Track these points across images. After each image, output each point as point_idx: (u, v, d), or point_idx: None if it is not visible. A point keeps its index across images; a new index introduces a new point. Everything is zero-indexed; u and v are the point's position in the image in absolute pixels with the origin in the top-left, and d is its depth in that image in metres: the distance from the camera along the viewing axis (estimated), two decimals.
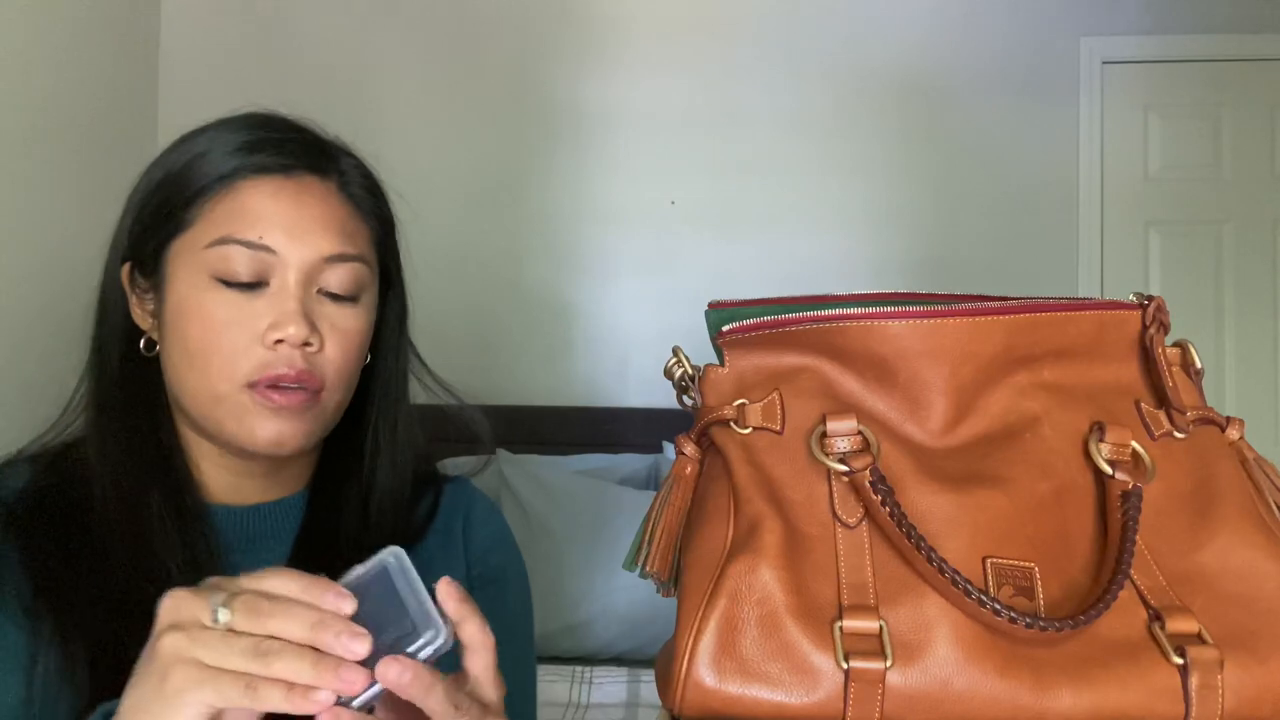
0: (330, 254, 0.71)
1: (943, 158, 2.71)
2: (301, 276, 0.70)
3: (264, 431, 0.69)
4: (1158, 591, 0.53)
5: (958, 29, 2.71)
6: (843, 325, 0.57)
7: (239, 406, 0.69)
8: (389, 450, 0.79)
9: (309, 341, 0.69)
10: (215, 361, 0.68)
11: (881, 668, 0.50)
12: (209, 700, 0.45)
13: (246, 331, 0.68)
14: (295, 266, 0.70)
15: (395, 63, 2.73)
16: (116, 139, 2.46)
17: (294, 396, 0.69)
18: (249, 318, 0.68)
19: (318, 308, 0.71)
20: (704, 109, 2.71)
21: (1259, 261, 2.70)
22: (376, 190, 0.78)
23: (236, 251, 0.68)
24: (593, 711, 1.71)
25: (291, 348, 0.69)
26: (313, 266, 0.70)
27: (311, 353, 0.70)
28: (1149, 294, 0.61)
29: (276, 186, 0.71)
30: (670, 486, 0.60)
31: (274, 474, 0.77)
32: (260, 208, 0.69)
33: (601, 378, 2.66)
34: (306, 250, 0.70)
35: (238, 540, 0.74)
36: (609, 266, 2.70)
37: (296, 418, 0.70)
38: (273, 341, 0.68)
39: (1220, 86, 2.72)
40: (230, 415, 0.69)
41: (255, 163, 0.71)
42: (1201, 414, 0.60)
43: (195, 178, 0.71)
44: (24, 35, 2.13)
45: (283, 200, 0.70)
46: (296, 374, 0.69)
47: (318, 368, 0.70)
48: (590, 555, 2.01)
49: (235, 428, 0.69)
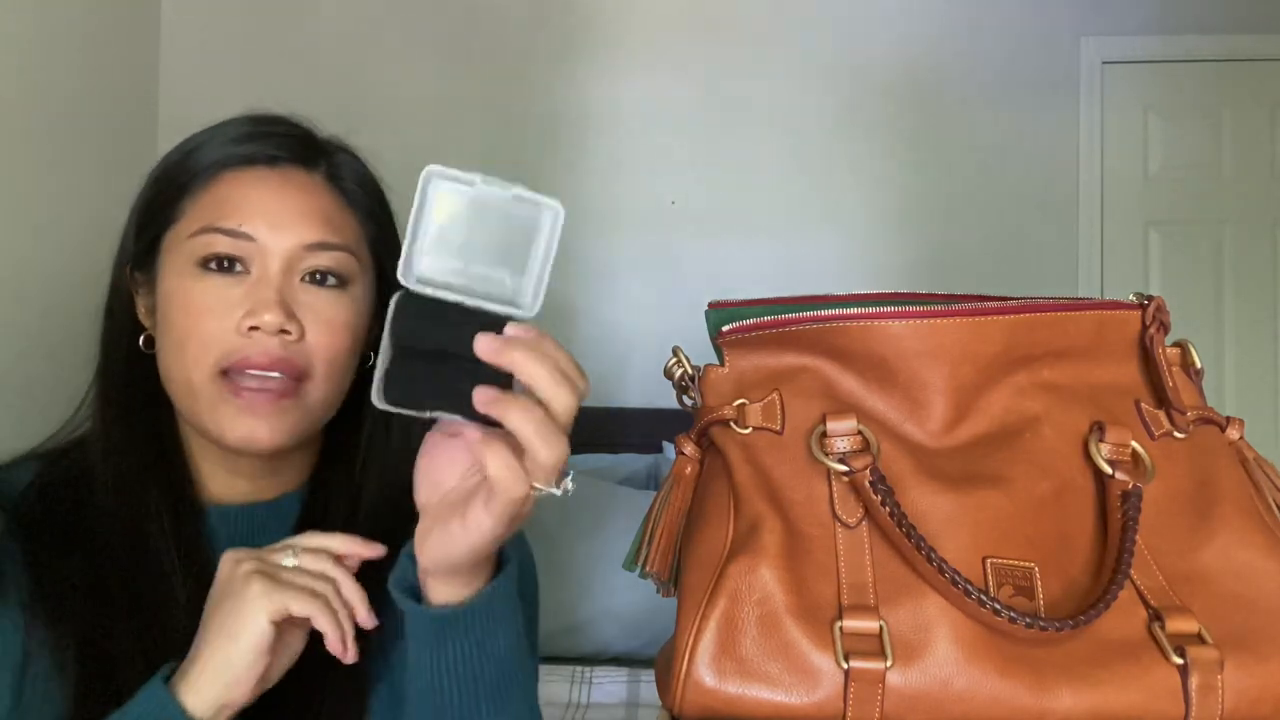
0: (311, 242, 0.71)
1: (943, 158, 2.70)
2: (282, 265, 0.70)
3: (235, 429, 0.68)
4: (1158, 591, 0.53)
5: (958, 29, 2.71)
6: (843, 325, 0.57)
7: (213, 397, 0.68)
8: (381, 450, 0.78)
9: (286, 329, 0.68)
10: (191, 348, 0.68)
11: (881, 668, 0.50)
12: (283, 604, 0.57)
13: (223, 318, 0.68)
14: (275, 255, 0.70)
15: (395, 61, 2.73)
16: (117, 138, 2.46)
17: (265, 391, 0.68)
18: (227, 305, 0.68)
19: (301, 296, 0.70)
20: (704, 109, 2.71)
21: (1259, 261, 2.69)
22: (371, 186, 0.77)
23: (217, 239, 0.69)
24: (593, 711, 1.71)
25: (267, 335, 0.68)
26: (293, 255, 0.70)
27: (290, 340, 0.69)
28: (1149, 294, 0.61)
29: (259, 177, 0.71)
30: (670, 486, 0.60)
31: (270, 472, 0.76)
32: (242, 197, 0.70)
33: (601, 378, 2.66)
34: (287, 238, 0.70)
35: (234, 540, 0.74)
36: (609, 266, 2.70)
37: (271, 414, 0.68)
38: (247, 328, 0.68)
39: (1220, 86, 2.71)
40: (205, 407, 0.69)
41: (241, 154, 0.72)
42: (1201, 414, 0.60)
43: (185, 172, 0.72)
44: (24, 35, 2.13)
45: (264, 190, 0.71)
46: (270, 361, 0.68)
47: (299, 356, 0.69)
48: (590, 555, 2.01)
49: (209, 421, 0.69)
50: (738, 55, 2.72)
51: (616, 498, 2.15)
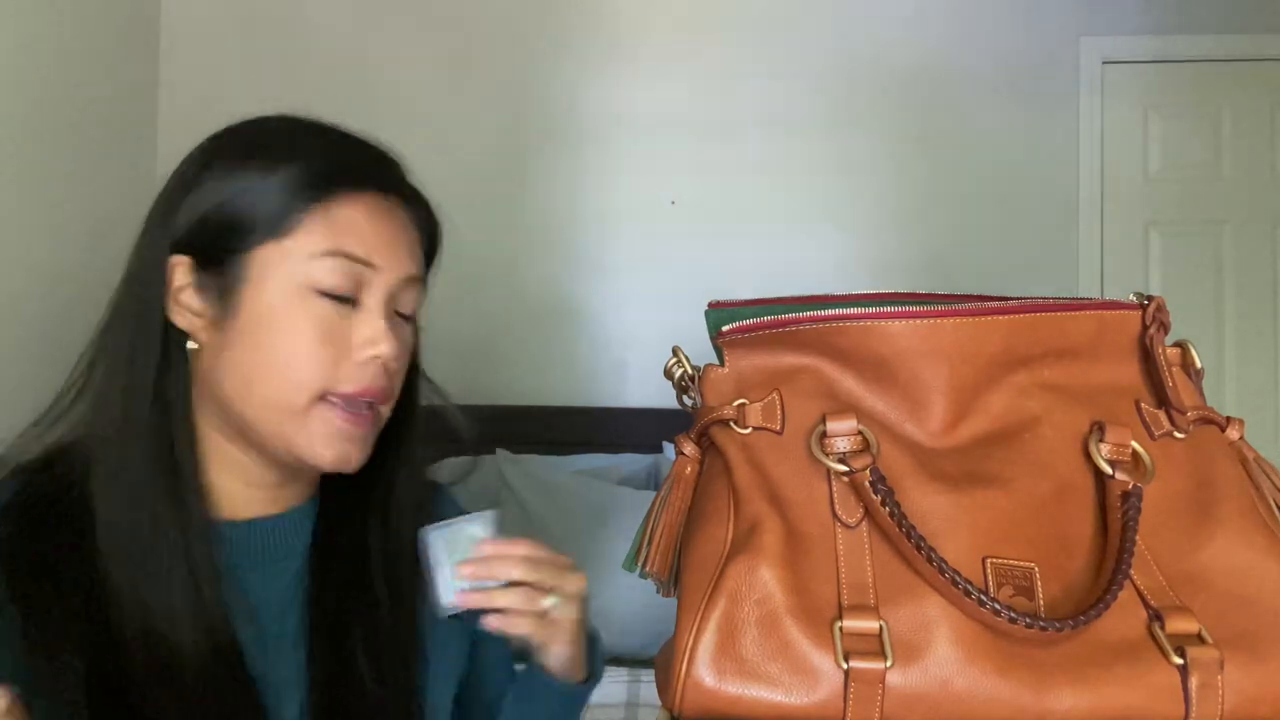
0: (410, 275, 0.73)
1: (943, 158, 2.71)
2: (387, 296, 0.71)
3: (330, 450, 0.69)
4: (1158, 591, 0.53)
5: (958, 29, 2.71)
6: (843, 325, 0.57)
7: (311, 420, 0.69)
8: (409, 457, 0.80)
9: (397, 359, 0.71)
10: (302, 372, 0.68)
11: (881, 668, 0.50)
12: None
13: (338, 345, 0.69)
14: (384, 286, 0.71)
15: (396, 61, 2.73)
16: (117, 138, 2.46)
17: (366, 418, 0.70)
18: (342, 332, 0.69)
19: (395, 326, 0.73)
20: (704, 109, 2.71)
21: (1259, 261, 2.69)
22: (435, 225, 0.79)
23: (346, 265, 0.69)
24: (593, 711, 1.70)
25: (382, 365, 0.70)
26: (397, 286, 0.72)
27: (393, 371, 0.72)
28: (1149, 294, 0.61)
29: (373, 204, 0.71)
30: (670, 486, 0.60)
31: (288, 484, 0.76)
32: (367, 223, 0.70)
33: (601, 378, 2.66)
34: (397, 271, 0.72)
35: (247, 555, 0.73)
36: (609, 266, 2.70)
37: (363, 436, 0.71)
38: (367, 357, 0.69)
39: (1220, 86, 2.71)
40: (297, 428, 0.69)
41: (353, 177, 0.71)
42: (1201, 414, 0.60)
43: (289, 184, 0.68)
44: (24, 34, 2.13)
45: (380, 219, 0.71)
46: (379, 391, 0.70)
47: (392, 382, 0.73)
48: (590, 555, 2.01)
49: (301, 442, 0.69)
50: (738, 55, 2.72)
51: (616, 498, 2.15)
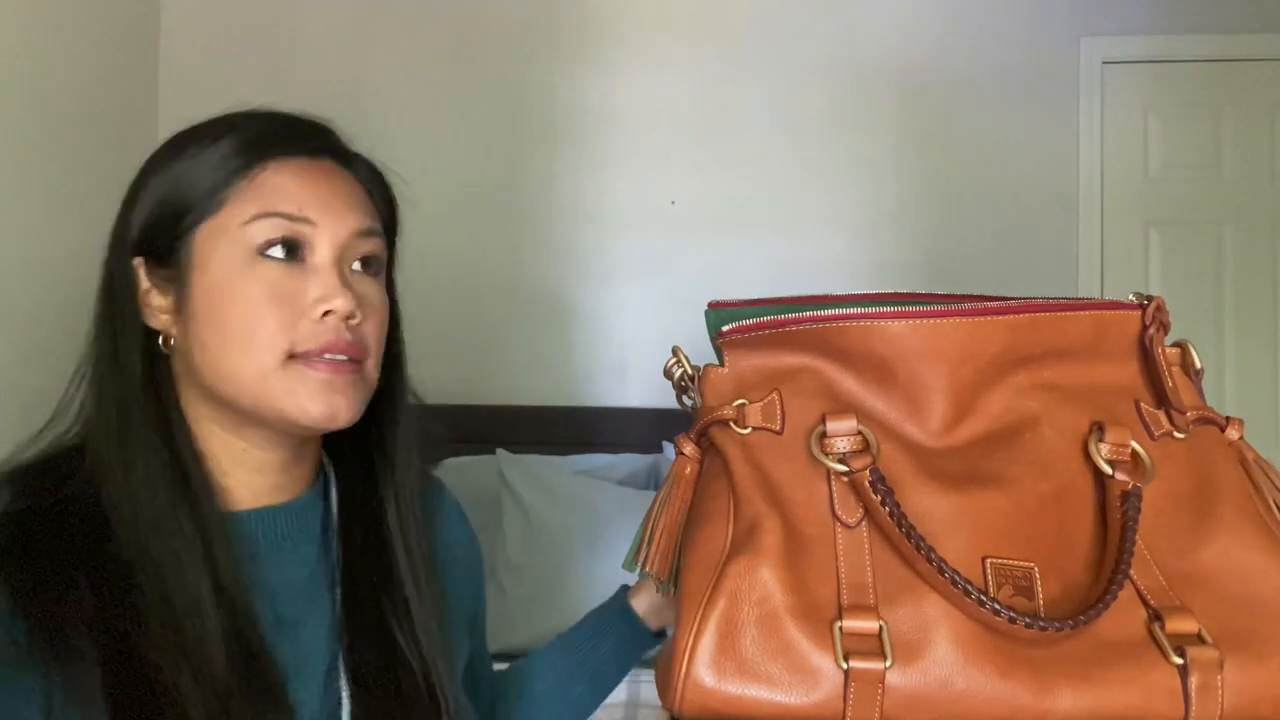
0: (361, 229, 0.73)
1: (942, 158, 2.70)
2: (336, 252, 0.71)
3: (316, 405, 0.69)
4: (1157, 591, 0.53)
5: (958, 29, 2.71)
6: (843, 325, 0.57)
7: (290, 379, 0.69)
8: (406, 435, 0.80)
9: (354, 314, 0.70)
10: (261, 336, 0.68)
11: (881, 668, 0.50)
12: None
13: (292, 305, 0.69)
14: (331, 241, 0.71)
15: (395, 62, 2.73)
16: (117, 138, 2.46)
17: (343, 367, 0.70)
18: (293, 292, 0.69)
19: (353, 282, 0.72)
20: (704, 109, 2.71)
21: (1259, 261, 2.69)
22: (380, 178, 0.80)
23: (279, 222, 0.69)
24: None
25: (339, 320, 0.70)
26: (345, 241, 0.72)
27: (354, 325, 0.71)
28: (1149, 294, 0.61)
29: (303, 167, 0.72)
30: (670, 487, 0.60)
31: (292, 468, 0.76)
32: (296, 184, 0.71)
33: (601, 378, 2.66)
34: (341, 225, 0.72)
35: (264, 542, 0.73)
36: (609, 266, 2.70)
37: (347, 389, 0.70)
38: (321, 314, 0.69)
39: (1220, 86, 2.71)
40: (280, 391, 0.69)
41: (281, 147, 0.72)
42: (1201, 414, 0.60)
43: (216, 164, 0.71)
44: (23, 34, 2.12)
45: (312, 179, 0.72)
46: (343, 345, 0.70)
47: (361, 340, 0.72)
48: (590, 555, 2.01)
49: (287, 403, 0.69)
50: (738, 55, 2.72)
51: (616, 498, 2.15)
